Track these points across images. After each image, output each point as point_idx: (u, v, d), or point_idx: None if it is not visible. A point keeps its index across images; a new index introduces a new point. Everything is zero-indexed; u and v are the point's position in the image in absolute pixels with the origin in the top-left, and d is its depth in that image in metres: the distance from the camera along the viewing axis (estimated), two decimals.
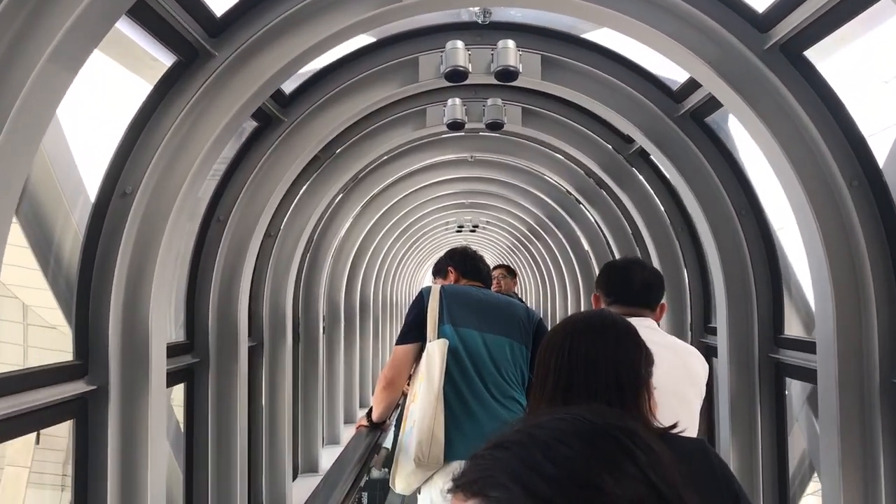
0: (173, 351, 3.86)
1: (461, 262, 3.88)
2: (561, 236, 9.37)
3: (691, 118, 4.27)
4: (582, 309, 8.49)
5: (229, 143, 4.17)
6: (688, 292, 5.35)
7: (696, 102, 4.12)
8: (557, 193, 8.02)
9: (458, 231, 13.21)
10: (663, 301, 2.89)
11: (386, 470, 3.67)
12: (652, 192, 5.53)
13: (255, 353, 5.34)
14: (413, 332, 3.47)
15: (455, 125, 5.21)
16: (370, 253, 9.54)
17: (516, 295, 6.92)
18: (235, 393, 4.29)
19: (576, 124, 5.50)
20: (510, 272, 7.71)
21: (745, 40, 3.13)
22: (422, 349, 3.43)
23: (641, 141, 4.49)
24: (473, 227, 12.58)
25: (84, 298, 3.01)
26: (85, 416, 3.00)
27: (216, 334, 4.28)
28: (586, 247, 8.63)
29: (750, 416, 4.10)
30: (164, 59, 3.15)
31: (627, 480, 0.68)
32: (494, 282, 6.45)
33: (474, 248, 4.32)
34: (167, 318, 3.26)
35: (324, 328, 7.46)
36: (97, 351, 3.01)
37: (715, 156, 4.26)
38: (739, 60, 3.15)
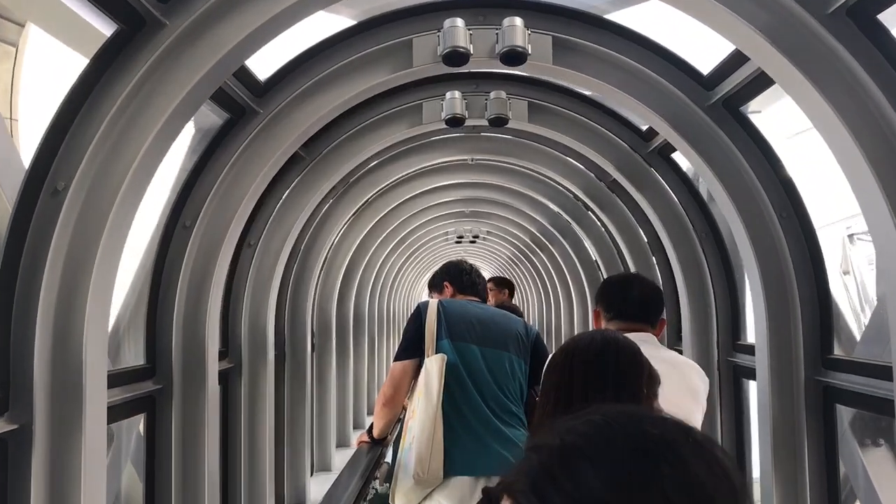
0: (129, 377, 3.47)
1: (457, 277, 3.91)
2: (567, 246, 8.84)
3: (723, 107, 3.79)
4: (588, 324, 8.09)
5: (199, 139, 3.99)
6: (714, 305, 4.84)
7: (730, 89, 3.66)
8: (564, 199, 7.48)
9: (457, 242, 12.74)
10: (663, 316, 2.97)
11: (387, 485, 3.61)
12: (672, 194, 5.04)
13: (231, 377, 4.87)
14: (411, 348, 3.49)
15: (454, 121, 4.69)
16: (364, 265, 9.09)
17: (515, 308, 6.57)
18: (203, 423, 3.75)
19: (588, 120, 5.02)
20: (502, 284, 7.52)
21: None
22: (420, 365, 3.44)
23: (667, 134, 3.98)
24: (474, 237, 12.03)
25: (5, 318, 2.48)
26: (5, 460, 2.46)
27: (181, 356, 3.75)
28: (594, 257, 8.06)
29: (795, 446, 3.61)
30: (105, 30, 2.61)
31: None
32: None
33: (474, 260, 4.45)
34: (106, 341, 2.75)
35: (313, 346, 7.02)
36: (20, 382, 2.47)
37: (751, 149, 3.77)
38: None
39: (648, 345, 2.54)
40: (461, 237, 12.09)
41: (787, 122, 5.11)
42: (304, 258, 6.39)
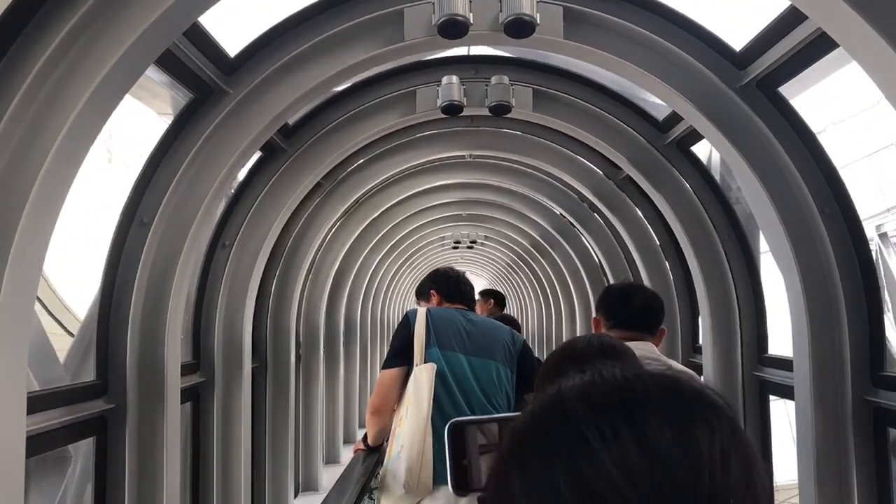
0: (70, 397, 3.14)
1: (444, 285, 3.90)
2: (570, 250, 8.34)
3: (758, 88, 3.52)
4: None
5: None
6: (738, 314, 4.71)
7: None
8: (568, 200, 7.01)
9: (454, 247, 12.21)
10: (663, 326, 2.98)
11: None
12: (692, 192, 4.70)
13: (203, 392, 4.48)
14: (399, 356, 3.49)
15: (451, 108, 4.32)
16: (355, 270, 8.69)
17: (512, 319, 6.33)
18: (161, 447, 3.27)
19: (599, 110, 4.62)
20: (487, 294, 7.38)
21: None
22: (408, 373, 3.45)
23: (692, 118, 3.75)
24: (471, 242, 11.61)
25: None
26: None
27: (136, 371, 3.29)
28: (600, 260, 7.60)
29: (842, 473, 3.21)
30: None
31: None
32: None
33: (470, 266, 4.72)
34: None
35: (299, 356, 6.58)
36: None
37: (790, 137, 3.71)
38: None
39: (648, 353, 2.73)
40: (458, 242, 11.63)
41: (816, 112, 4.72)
42: (288, 262, 5.94)
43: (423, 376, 3.38)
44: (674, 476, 0.65)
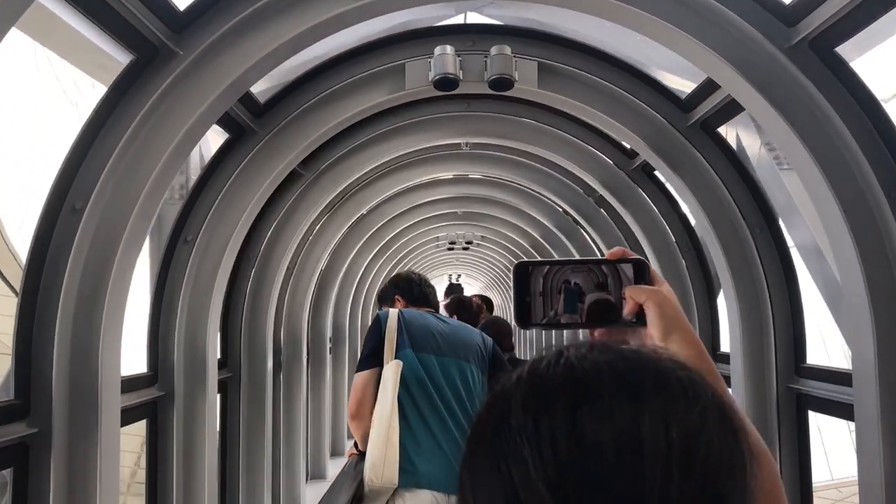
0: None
1: (407, 290, 3.94)
2: (574, 251, 7.63)
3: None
4: None
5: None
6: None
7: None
8: (573, 195, 6.44)
9: (449, 249, 11.85)
10: None
11: None
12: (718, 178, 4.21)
13: (163, 407, 3.93)
14: (372, 358, 3.52)
15: (445, 83, 3.78)
16: (343, 272, 8.21)
17: (500, 323, 6.41)
18: (91, 483, 2.71)
19: (616, 87, 4.07)
20: (459, 303, 6.99)
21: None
22: (381, 374, 3.48)
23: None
24: (467, 243, 11.19)
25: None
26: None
27: (67, 391, 2.73)
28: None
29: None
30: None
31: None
32: None
33: (466, 269, 4.75)
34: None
35: (277, 365, 6.01)
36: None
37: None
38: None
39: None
40: (453, 243, 11.24)
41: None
42: (264, 261, 5.34)
43: (389, 374, 3.42)
44: (616, 489, 0.62)
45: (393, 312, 3.62)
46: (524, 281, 1.14)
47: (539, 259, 1.13)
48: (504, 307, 17.79)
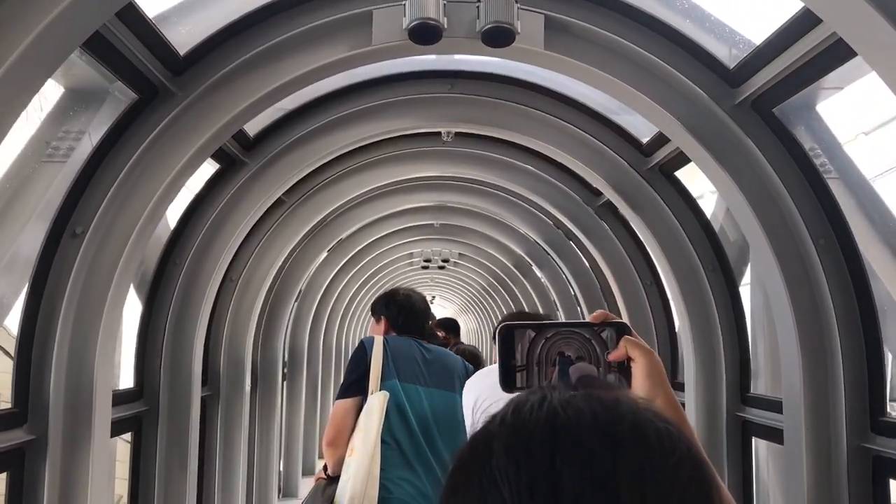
0: None
1: (395, 315, 3.76)
2: (563, 268, 7.09)
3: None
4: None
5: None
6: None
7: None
8: (568, 202, 5.61)
9: (424, 268, 10.94)
10: None
11: None
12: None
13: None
14: (355, 386, 3.44)
15: (424, 31, 2.90)
16: (304, 290, 7.86)
17: (472, 352, 6.37)
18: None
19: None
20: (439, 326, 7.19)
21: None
22: (363, 404, 3.39)
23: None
24: (443, 261, 10.24)
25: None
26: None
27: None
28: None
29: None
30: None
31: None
32: None
33: (441, 290, 4.80)
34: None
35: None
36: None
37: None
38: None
39: None
40: (428, 261, 10.26)
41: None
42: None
43: (374, 405, 3.34)
44: None
45: (378, 340, 3.53)
46: (510, 343, 1.14)
47: (523, 322, 1.14)
48: (478, 331, 17.64)
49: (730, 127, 3.09)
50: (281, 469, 7.39)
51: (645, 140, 4.30)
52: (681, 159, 4.11)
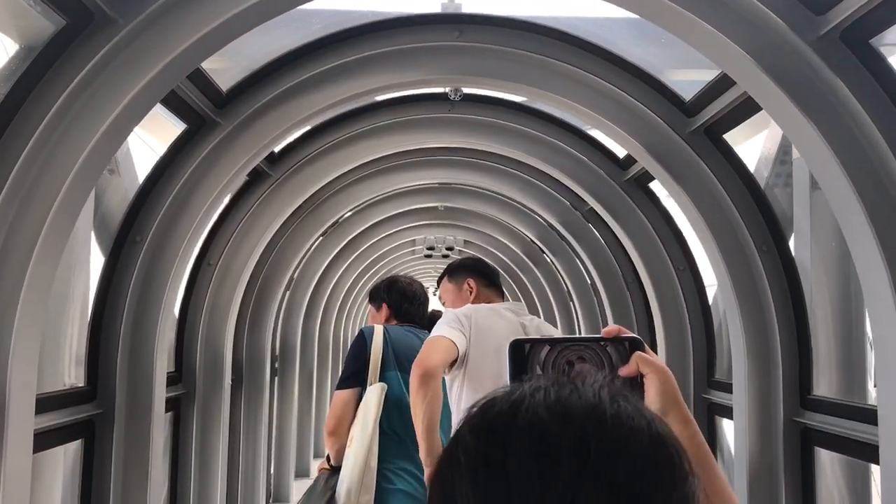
0: None
1: (397, 303, 3.80)
2: (582, 254, 6.41)
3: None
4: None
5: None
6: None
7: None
8: (591, 178, 4.94)
9: (427, 256, 10.26)
10: None
11: None
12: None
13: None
14: (355, 376, 3.48)
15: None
16: (296, 278, 7.42)
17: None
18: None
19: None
20: None
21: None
22: (363, 393, 3.44)
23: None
24: (447, 249, 9.43)
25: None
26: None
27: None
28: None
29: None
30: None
31: None
32: None
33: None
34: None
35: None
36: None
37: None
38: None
39: (526, 314, 3.40)
40: (431, 249, 9.46)
41: None
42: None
43: (372, 397, 3.35)
44: None
45: (378, 330, 3.55)
46: (521, 359, 1.13)
47: (536, 337, 1.15)
48: None
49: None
50: (272, 471, 6.97)
51: (689, 98, 3.69)
52: (734, 120, 3.66)
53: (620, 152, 4.84)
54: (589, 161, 4.85)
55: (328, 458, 3.73)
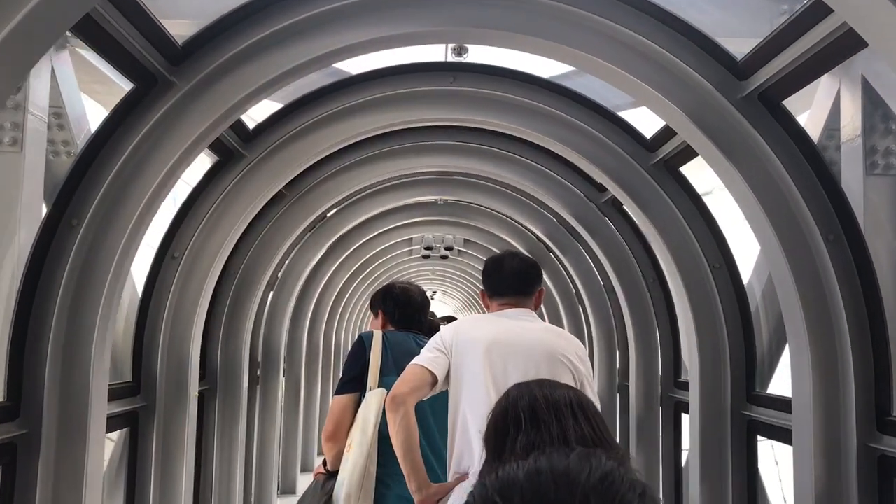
0: None
1: (392, 310, 3.79)
2: (595, 246, 5.74)
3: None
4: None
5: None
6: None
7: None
8: (614, 159, 4.37)
9: (425, 257, 9.80)
10: (541, 287, 3.23)
11: None
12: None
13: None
14: (353, 382, 3.48)
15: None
16: (280, 279, 6.87)
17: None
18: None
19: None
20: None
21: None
22: (362, 398, 3.43)
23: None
24: (446, 249, 9.06)
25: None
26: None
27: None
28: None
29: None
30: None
31: None
32: None
33: (442, 285, 4.24)
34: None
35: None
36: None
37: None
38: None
39: (525, 318, 3.09)
40: (429, 248, 9.04)
41: None
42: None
43: (373, 402, 3.36)
44: None
45: (378, 336, 3.57)
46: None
47: None
48: None
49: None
50: (252, 490, 6.37)
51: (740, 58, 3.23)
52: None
53: (647, 131, 4.27)
54: (610, 142, 4.28)
55: (324, 463, 3.69)
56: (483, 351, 2.95)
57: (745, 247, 3.93)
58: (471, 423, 2.84)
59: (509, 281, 3.15)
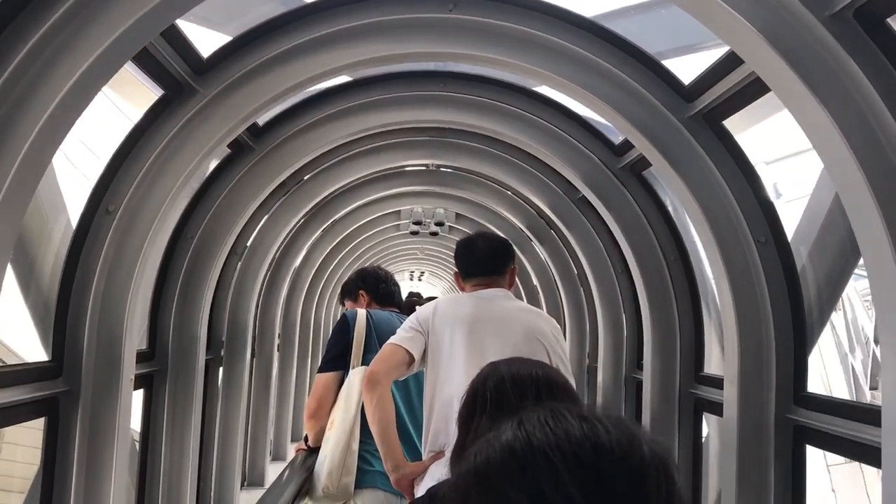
0: None
1: (373, 286, 3.89)
2: (592, 229, 5.81)
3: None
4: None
5: None
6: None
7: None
8: (637, 106, 3.71)
9: (413, 233, 9.15)
10: (513, 266, 3.33)
11: None
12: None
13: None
14: (337, 360, 3.51)
15: None
16: (247, 251, 6.04)
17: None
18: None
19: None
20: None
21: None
22: (345, 376, 3.46)
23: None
24: (437, 224, 8.43)
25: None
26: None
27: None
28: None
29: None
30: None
31: None
32: None
33: (430, 266, 4.32)
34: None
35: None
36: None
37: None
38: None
39: (501, 298, 3.16)
40: (418, 224, 8.41)
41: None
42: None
43: (356, 380, 3.34)
44: None
45: (361, 314, 3.58)
46: None
47: None
48: None
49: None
50: (213, 481, 5.55)
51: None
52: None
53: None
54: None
55: (305, 439, 3.72)
56: (460, 330, 3.00)
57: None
58: (447, 402, 2.84)
59: (481, 261, 3.22)
